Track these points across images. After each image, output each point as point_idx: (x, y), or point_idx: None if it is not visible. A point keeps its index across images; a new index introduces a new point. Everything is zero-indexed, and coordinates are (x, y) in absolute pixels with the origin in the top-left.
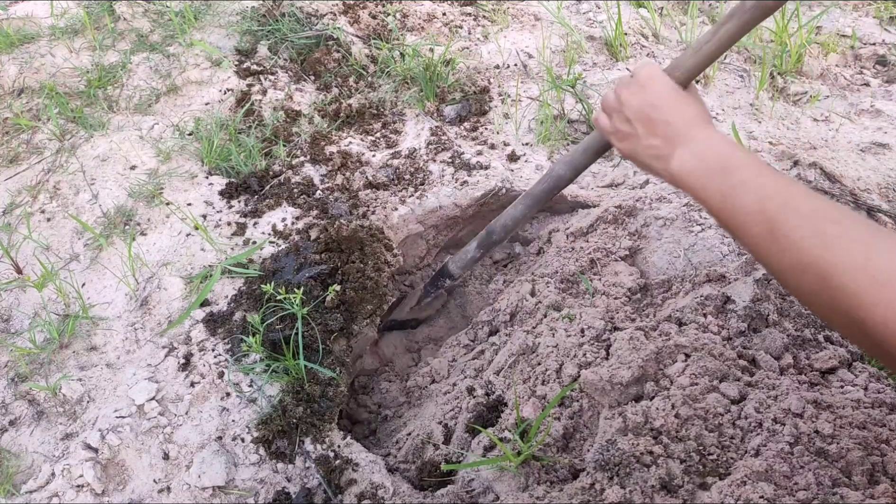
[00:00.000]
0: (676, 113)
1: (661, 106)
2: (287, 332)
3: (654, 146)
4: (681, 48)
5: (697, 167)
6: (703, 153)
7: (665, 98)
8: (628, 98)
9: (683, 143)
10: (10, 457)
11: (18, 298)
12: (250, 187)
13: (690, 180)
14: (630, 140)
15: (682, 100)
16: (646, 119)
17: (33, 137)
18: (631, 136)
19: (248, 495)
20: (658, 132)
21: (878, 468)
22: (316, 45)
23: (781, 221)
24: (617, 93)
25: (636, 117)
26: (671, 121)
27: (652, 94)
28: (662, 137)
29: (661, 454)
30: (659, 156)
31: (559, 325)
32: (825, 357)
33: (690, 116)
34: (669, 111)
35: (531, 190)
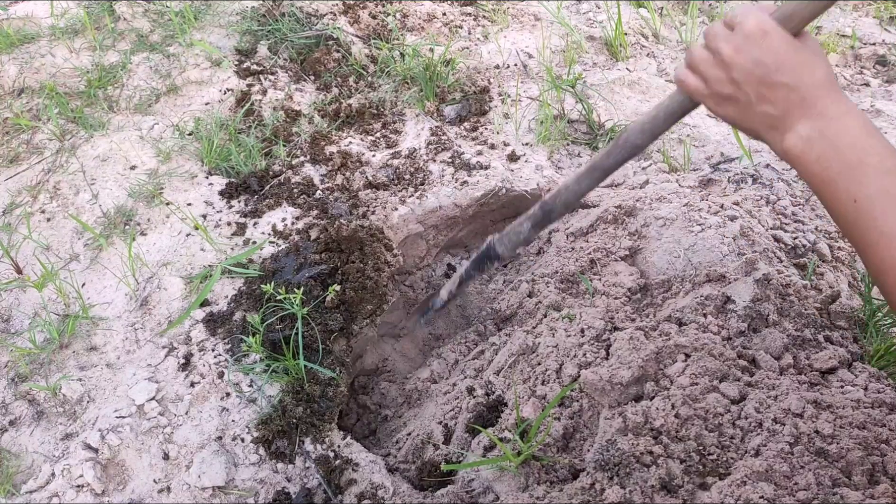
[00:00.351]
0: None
1: (782, 66)
2: (287, 332)
3: (769, 115)
4: (681, 48)
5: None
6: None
7: (785, 56)
8: (733, 55)
9: (808, 115)
10: (10, 457)
11: (18, 298)
12: (250, 187)
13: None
14: (734, 105)
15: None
16: (760, 81)
17: (33, 137)
18: (736, 101)
19: (248, 495)
20: (777, 98)
21: (878, 468)
22: (316, 45)
23: None
24: (714, 47)
25: (746, 79)
26: (796, 84)
27: (767, 50)
28: (783, 104)
29: (661, 454)
30: (774, 126)
31: (559, 325)
32: (825, 357)
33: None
34: (792, 72)
35: (598, 162)
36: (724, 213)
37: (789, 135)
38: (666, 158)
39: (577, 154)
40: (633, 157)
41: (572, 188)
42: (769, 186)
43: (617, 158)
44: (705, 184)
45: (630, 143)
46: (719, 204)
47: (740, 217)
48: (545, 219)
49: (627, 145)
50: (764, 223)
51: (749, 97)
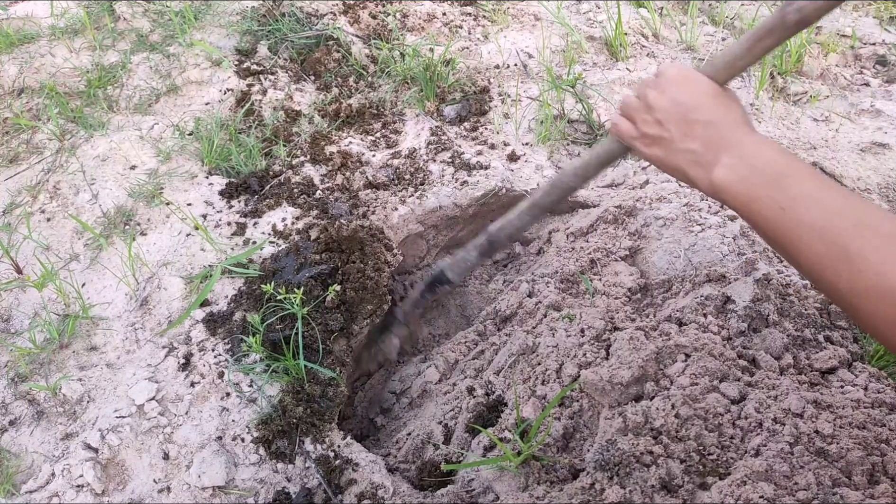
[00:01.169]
0: (718, 114)
1: (701, 105)
2: (287, 332)
3: (693, 151)
4: (681, 48)
5: (748, 175)
6: (754, 159)
7: (702, 97)
8: (657, 98)
9: (729, 147)
10: (10, 457)
11: (18, 298)
12: (250, 187)
13: (738, 190)
14: (661, 145)
15: (722, 101)
16: (681, 120)
17: (33, 137)
18: (662, 141)
19: (248, 495)
20: (697, 134)
21: (878, 468)
22: (316, 45)
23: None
24: (641, 95)
25: (669, 118)
26: (714, 121)
27: (687, 91)
28: (703, 140)
29: (661, 454)
30: (698, 162)
31: (559, 325)
32: (825, 357)
33: (735, 117)
34: (711, 110)
35: (536, 200)
36: (724, 212)
37: (715, 169)
38: None
39: (577, 154)
40: (565, 197)
41: (514, 223)
42: None
43: (551, 199)
44: None
45: (563, 185)
46: (719, 204)
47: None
48: (490, 248)
49: (561, 186)
50: None
51: (672, 135)
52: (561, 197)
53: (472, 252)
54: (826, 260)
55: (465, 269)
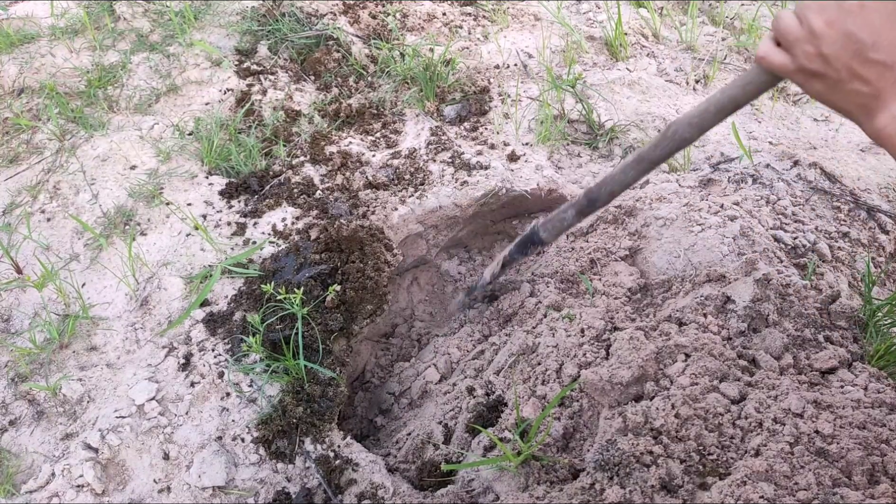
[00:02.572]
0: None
1: (878, 42)
2: (287, 332)
3: (862, 94)
4: (681, 48)
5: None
6: None
7: (882, 30)
8: (825, 28)
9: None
10: (10, 457)
11: (18, 298)
12: (250, 187)
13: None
14: (823, 81)
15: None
16: (853, 58)
17: (33, 137)
18: (825, 78)
19: (248, 495)
20: (871, 76)
21: (878, 468)
22: (316, 45)
23: None
24: (804, 17)
25: (838, 54)
26: (892, 63)
27: (864, 23)
28: (876, 84)
29: (661, 454)
30: (865, 105)
31: (559, 325)
32: (825, 357)
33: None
34: (890, 49)
35: (643, 153)
36: (724, 213)
37: (881, 115)
38: None
39: (577, 154)
40: (679, 150)
41: (618, 178)
42: (769, 186)
43: (663, 152)
44: (705, 184)
45: (679, 137)
46: (719, 204)
47: (740, 217)
48: (590, 206)
49: (677, 139)
50: (764, 223)
51: (840, 74)
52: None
53: (568, 211)
54: None
55: (561, 228)
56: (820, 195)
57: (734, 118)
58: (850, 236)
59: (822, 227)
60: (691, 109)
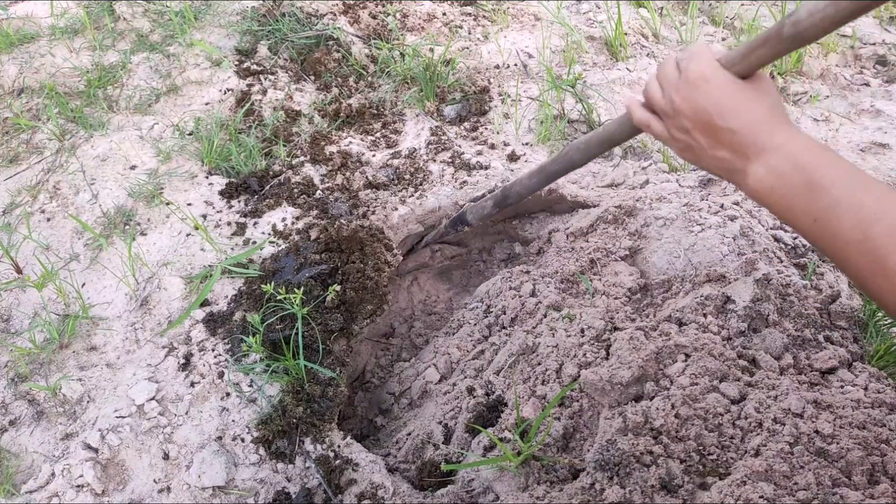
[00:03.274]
0: (742, 117)
1: (724, 110)
2: (287, 332)
3: (724, 159)
4: (681, 48)
5: (777, 185)
6: (780, 167)
7: (726, 101)
8: (681, 103)
9: (756, 154)
10: (10, 457)
11: (18, 298)
12: (250, 187)
13: (771, 201)
14: (692, 152)
15: (746, 98)
16: (706, 128)
17: (33, 137)
18: (692, 148)
19: (248, 495)
20: (724, 142)
21: (878, 468)
22: (316, 45)
23: (894, 254)
24: (666, 93)
25: (694, 126)
26: (738, 128)
27: (707, 96)
28: (730, 149)
29: (661, 454)
30: (731, 170)
31: (559, 325)
32: (825, 357)
33: (759, 118)
34: (733, 116)
35: (546, 166)
36: (724, 213)
37: (748, 178)
38: (666, 158)
39: None
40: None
41: (525, 183)
42: None
43: (559, 167)
44: (705, 184)
45: (569, 160)
46: (719, 204)
47: (740, 217)
48: (504, 201)
49: (567, 160)
50: (764, 223)
51: (700, 143)
52: (565, 169)
53: (489, 202)
54: (866, 273)
55: (482, 215)
56: None
57: None
58: None
59: None
60: (584, 136)
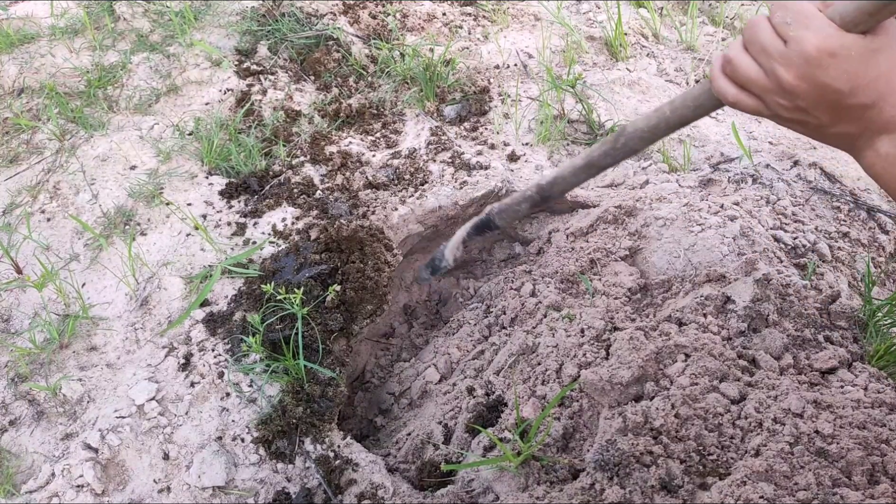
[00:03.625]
0: (879, 88)
1: (856, 87)
2: (287, 332)
3: (848, 134)
4: (681, 48)
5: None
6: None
7: (860, 74)
8: (797, 83)
9: (889, 130)
10: (10, 457)
11: (18, 298)
12: (250, 187)
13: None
14: (805, 126)
15: (883, 66)
16: (833, 106)
17: (33, 137)
18: (807, 123)
19: (248, 495)
20: (854, 118)
21: (878, 468)
22: (316, 45)
23: None
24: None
25: (817, 105)
26: (871, 102)
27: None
28: (858, 124)
29: (661, 454)
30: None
31: (559, 325)
32: (825, 357)
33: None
34: (869, 90)
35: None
36: (724, 213)
37: (868, 152)
38: (666, 158)
39: (577, 154)
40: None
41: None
42: (769, 186)
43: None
44: (705, 184)
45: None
46: (719, 204)
47: (740, 217)
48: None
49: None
50: (764, 223)
51: (821, 120)
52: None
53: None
54: None
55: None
56: (820, 195)
57: (734, 118)
58: (850, 236)
59: (822, 227)
60: (642, 123)
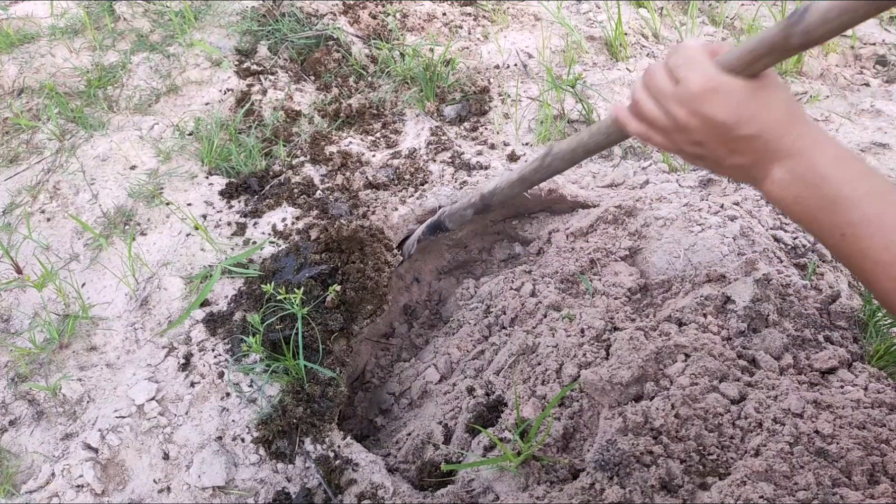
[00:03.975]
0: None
1: (740, 119)
2: (287, 332)
3: (743, 165)
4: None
5: (802, 195)
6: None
7: (742, 108)
8: (688, 118)
9: (778, 157)
10: (10, 457)
11: (18, 298)
12: (250, 187)
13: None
14: (706, 161)
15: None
16: (723, 139)
17: (33, 137)
18: (706, 158)
19: (248, 495)
20: (744, 150)
21: (878, 468)
22: (316, 45)
23: None
24: (664, 107)
25: (709, 138)
26: (756, 134)
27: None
28: (751, 155)
29: (661, 454)
30: (749, 175)
31: (559, 325)
32: (825, 357)
33: (779, 119)
34: (753, 122)
35: (527, 176)
36: (724, 213)
37: (765, 181)
38: (666, 158)
39: None
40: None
41: (505, 191)
42: None
43: (541, 176)
44: (705, 184)
45: (552, 168)
46: (719, 204)
47: (740, 217)
48: (484, 209)
49: (550, 169)
50: (764, 223)
51: (717, 153)
52: (547, 177)
53: (467, 209)
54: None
55: (461, 221)
56: None
57: None
58: None
59: None
60: (564, 145)
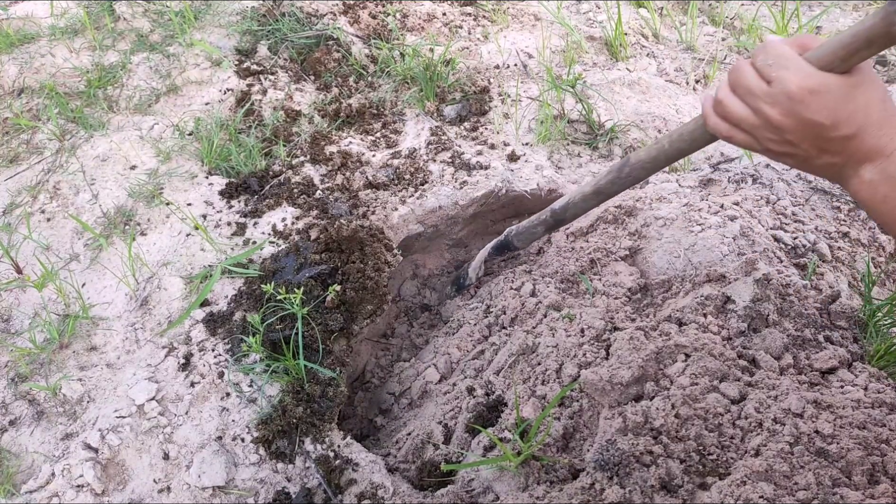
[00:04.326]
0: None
1: (837, 121)
2: (287, 332)
3: (834, 164)
4: (681, 48)
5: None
6: None
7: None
8: (783, 120)
9: (870, 157)
10: (10, 457)
11: (18, 298)
12: (250, 187)
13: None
14: (795, 159)
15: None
16: (817, 139)
17: (33, 137)
18: (794, 156)
19: (248, 495)
20: (837, 149)
21: (878, 468)
22: (316, 45)
23: None
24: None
25: (802, 139)
26: (852, 134)
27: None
28: (843, 155)
29: (661, 454)
30: (837, 173)
31: (559, 325)
32: (825, 357)
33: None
34: (850, 123)
35: (601, 186)
36: (724, 213)
37: (854, 180)
38: None
39: (577, 154)
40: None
41: (580, 205)
42: (769, 186)
43: (619, 187)
44: (705, 184)
45: (632, 178)
46: (719, 204)
47: (740, 217)
48: (556, 225)
49: (630, 178)
50: (764, 223)
51: (808, 152)
52: (626, 187)
53: (538, 227)
54: None
55: (531, 239)
56: (820, 195)
57: None
58: (850, 236)
59: (822, 227)
60: (643, 154)
